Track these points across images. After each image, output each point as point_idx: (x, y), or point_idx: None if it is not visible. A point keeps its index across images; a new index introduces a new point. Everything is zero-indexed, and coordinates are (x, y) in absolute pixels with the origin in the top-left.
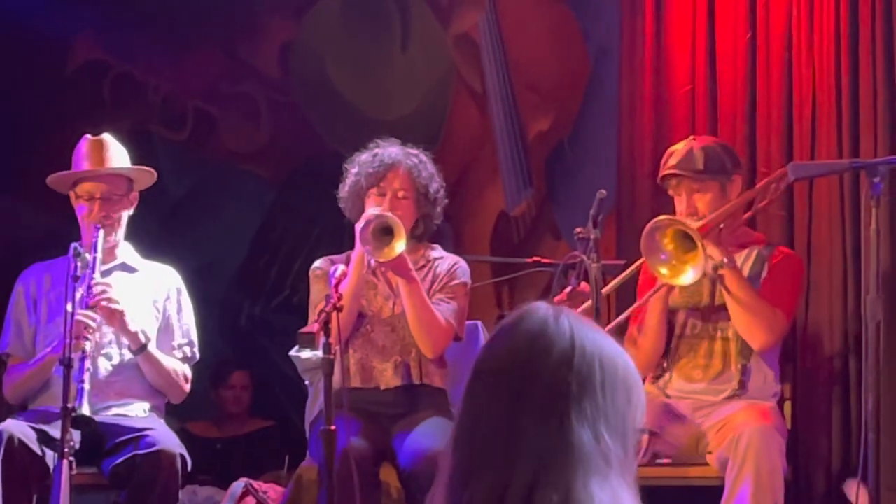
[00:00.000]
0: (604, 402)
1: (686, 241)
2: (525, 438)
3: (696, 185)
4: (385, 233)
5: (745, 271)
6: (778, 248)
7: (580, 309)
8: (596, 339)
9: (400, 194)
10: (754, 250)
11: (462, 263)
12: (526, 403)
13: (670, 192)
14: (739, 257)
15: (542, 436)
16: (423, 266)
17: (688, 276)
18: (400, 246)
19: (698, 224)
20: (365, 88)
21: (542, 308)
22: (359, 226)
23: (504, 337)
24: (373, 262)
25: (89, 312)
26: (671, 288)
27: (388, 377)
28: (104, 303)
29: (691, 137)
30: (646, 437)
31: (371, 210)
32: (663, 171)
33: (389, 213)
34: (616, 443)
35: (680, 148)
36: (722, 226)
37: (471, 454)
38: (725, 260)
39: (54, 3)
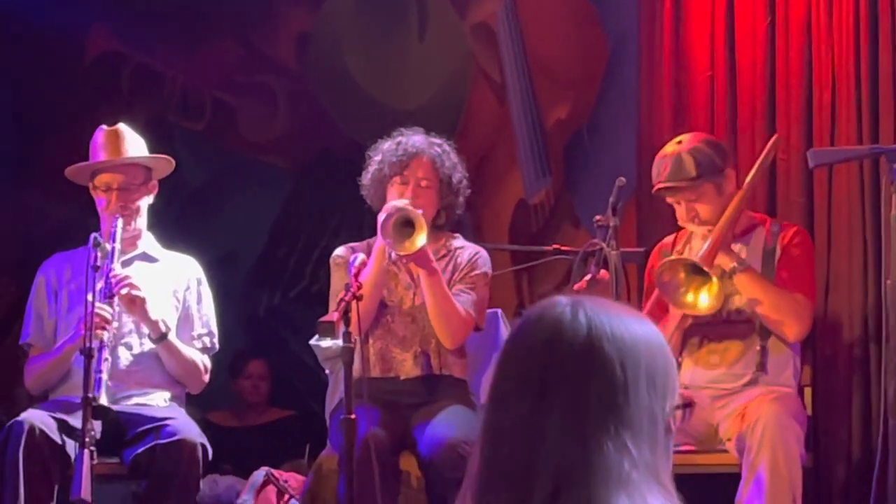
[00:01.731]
0: (627, 408)
1: (696, 267)
2: (545, 449)
3: (692, 195)
4: (406, 225)
5: (757, 263)
6: (784, 226)
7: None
8: (616, 329)
9: (423, 183)
10: (760, 236)
11: (483, 253)
12: (546, 415)
13: (668, 200)
14: (743, 249)
15: (563, 449)
16: (445, 255)
17: (708, 303)
18: (421, 240)
19: (703, 250)
20: (382, 78)
21: (559, 305)
22: (380, 218)
23: (522, 340)
24: (393, 254)
25: (105, 306)
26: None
27: (408, 367)
28: (126, 289)
29: (677, 141)
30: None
31: (393, 202)
32: (657, 186)
33: (411, 207)
34: (643, 447)
35: (668, 153)
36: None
37: (492, 461)
38: (737, 265)
39: None
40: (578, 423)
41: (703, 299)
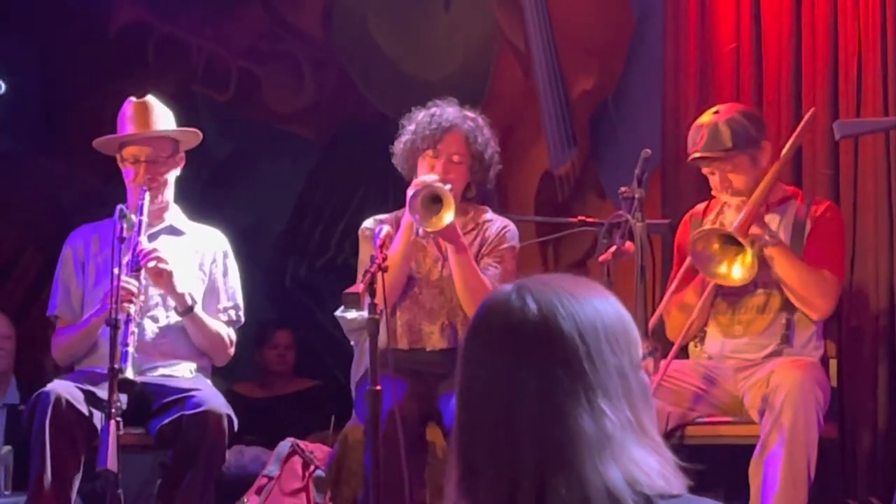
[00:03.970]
0: (595, 374)
1: (730, 237)
2: (525, 434)
3: (727, 166)
4: (434, 201)
5: (787, 236)
6: (816, 201)
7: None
8: (566, 302)
9: (455, 158)
10: (792, 209)
11: (511, 227)
12: (518, 401)
13: (703, 170)
14: (775, 219)
15: (542, 431)
16: (473, 229)
17: (741, 274)
18: (448, 216)
19: (738, 220)
20: (407, 47)
21: (504, 294)
22: (409, 194)
23: (479, 333)
24: (421, 231)
25: (131, 280)
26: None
27: (434, 339)
28: (153, 263)
29: (714, 111)
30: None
31: (421, 178)
32: (692, 155)
33: (439, 183)
34: (619, 405)
35: (705, 123)
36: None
37: (471, 451)
38: (768, 238)
39: None
40: (551, 403)
41: (736, 270)
